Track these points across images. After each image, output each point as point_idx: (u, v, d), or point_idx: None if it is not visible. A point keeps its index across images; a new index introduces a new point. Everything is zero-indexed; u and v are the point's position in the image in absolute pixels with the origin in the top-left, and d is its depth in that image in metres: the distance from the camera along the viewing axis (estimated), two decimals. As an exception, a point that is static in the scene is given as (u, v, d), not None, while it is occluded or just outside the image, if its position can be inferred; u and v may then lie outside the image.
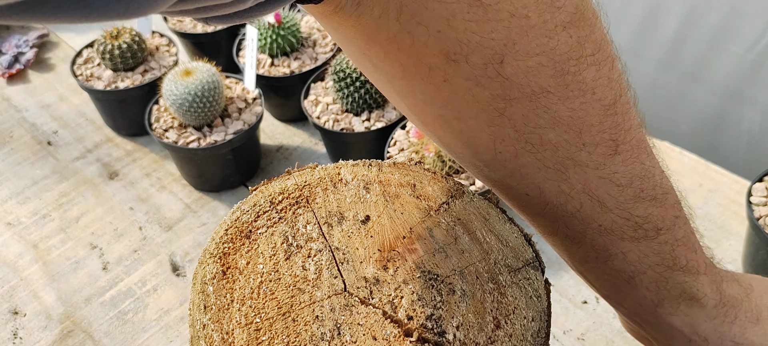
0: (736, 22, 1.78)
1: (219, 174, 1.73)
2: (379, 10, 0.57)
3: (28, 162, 1.92)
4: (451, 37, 0.56)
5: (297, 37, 1.89)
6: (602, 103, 0.62)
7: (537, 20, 0.57)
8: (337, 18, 0.60)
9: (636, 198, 0.67)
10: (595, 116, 0.62)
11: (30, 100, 2.15)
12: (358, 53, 0.65)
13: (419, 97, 0.65)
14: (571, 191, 0.66)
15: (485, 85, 0.59)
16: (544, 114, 0.60)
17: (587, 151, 0.63)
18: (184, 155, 1.69)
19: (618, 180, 0.66)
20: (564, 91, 0.59)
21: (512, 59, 0.57)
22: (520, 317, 0.74)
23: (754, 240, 1.39)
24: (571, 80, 0.59)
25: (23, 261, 1.62)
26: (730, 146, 1.91)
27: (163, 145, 1.66)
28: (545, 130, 0.61)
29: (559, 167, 0.64)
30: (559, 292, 1.46)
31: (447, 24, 0.55)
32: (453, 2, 0.54)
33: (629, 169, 0.66)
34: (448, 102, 0.63)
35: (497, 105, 0.60)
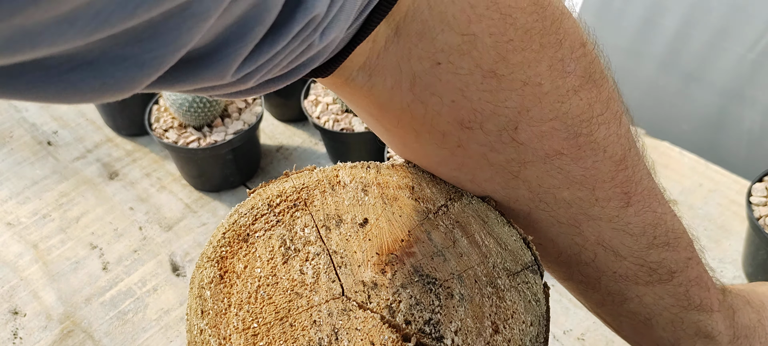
0: (736, 21, 1.77)
1: (219, 174, 1.73)
2: (391, 81, 0.56)
3: (28, 162, 1.92)
4: (466, 107, 0.56)
5: (297, 36, 1.88)
6: (613, 160, 0.63)
7: (549, 87, 0.57)
8: (349, 89, 0.60)
9: (649, 245, 0.68)
10: (607, 173, 0.62)
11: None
12: (370, 119, 0.66)
13: (433, 159, 0.66)
14: (585, 243, 0.67)
15: (500, 150, 0.59)
16: (557, 175, 0.61)
17: (600, 206, 0.64)
18: (184, 155, 1.69)
19: (631, 230, 0.67)
20: (577, 152, 0.60)
21: (526, 125, 0.57)
22: (518, 321, 0.74)
23: (754, 240, 1.39)
24: (584, 141, 0.60)
25: (23, 261, 1.62)
26: (731, 146, 1.91)
27: (163, 145, 1.66)
28: (559, 190, 0.62)
29: (572, 222, 0.65)
30: (559, 292, 1.46)
31: (461, 94, 0.55)
32: (466, 73, 0.54)
33: (642, 219, 0.67)
34: (462, 165, 0.63)
35: (512, 168, 0.61)
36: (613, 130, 0.63)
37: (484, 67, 0.54)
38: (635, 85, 2.06)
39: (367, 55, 0.56)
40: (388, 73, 0.56)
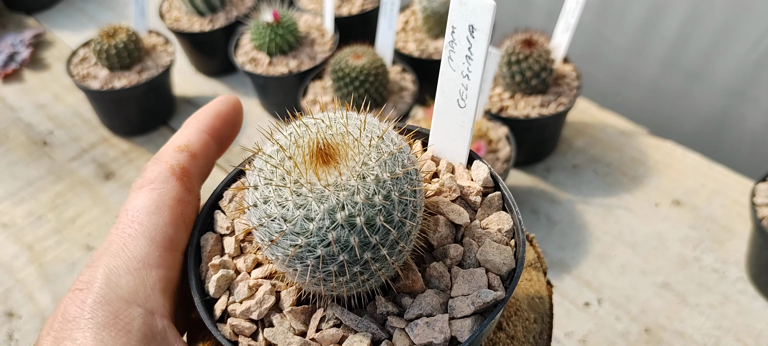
0: (738, 21, 1.76)
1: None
2: None
3: (23, 163, 1.90)
4: None
5: (295, 36, 1.87)
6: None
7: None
8: None
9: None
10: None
11: (25, 100, 2.13)
12: None
13: None
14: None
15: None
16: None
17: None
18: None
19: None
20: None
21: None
22: (522, 318, 0.72)
23: (758, 241, 1.37)
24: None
25: (18, 263, 1.60)
26: (734, 146, 1.89)
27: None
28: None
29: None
30: (561, 294, 1.44)
31: None
32: None
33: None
34: None
35: None
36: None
37: None
38: (637, 84, 2.04)
39: None
40: None
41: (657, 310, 1.39)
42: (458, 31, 0.63)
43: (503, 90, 1.67)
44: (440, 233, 0.62)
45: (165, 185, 0.65)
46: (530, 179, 1.71)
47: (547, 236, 1.56)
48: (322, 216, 0.52)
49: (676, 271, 1.46)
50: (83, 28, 2.46)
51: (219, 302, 0.62)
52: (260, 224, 0.54)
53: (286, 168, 0.53)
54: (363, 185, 0.52)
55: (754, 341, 1.32)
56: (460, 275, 0.59)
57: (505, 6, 2.23)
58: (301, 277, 0.56)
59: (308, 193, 0.52)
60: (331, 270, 0.54)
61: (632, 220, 1.58)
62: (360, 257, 0.53)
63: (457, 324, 0.57)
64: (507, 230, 0.62)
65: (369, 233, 0.53)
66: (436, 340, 0.56)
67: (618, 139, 1.79)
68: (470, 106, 0.65)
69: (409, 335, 0.57)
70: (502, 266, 0.59)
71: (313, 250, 0.53)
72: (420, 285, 0.60)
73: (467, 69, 0.64)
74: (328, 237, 0.52)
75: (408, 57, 1.89)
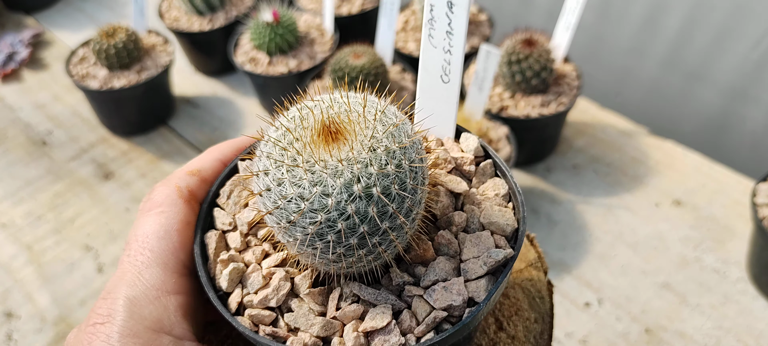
0: (739, 21, 1.76)
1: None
2: None
3: (22, 162, 1.89)
4: None
5: (295, 35, 1.87)
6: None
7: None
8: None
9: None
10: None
11: (24, 100, 2.13)
12: None
13: None
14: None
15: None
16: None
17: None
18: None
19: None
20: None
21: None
22: (522, 318, 0.72)
23: (759, 241, 1.37)
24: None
25: (17, 263, 1.60)
26: (734, 146, 1.89)
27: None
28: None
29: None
30: (562, 294, 1.44)
31: None
32: None
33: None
34: None
35: None
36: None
37: None
38: (638, 84, 2.04)
39: None
40: None
41: (657, 310, 1.39)
42: (437, 8, 0.64)
43: (503, 90, 1.67)
44: (442, 202, 0.63)
45: (172, 209, 0.65)
46: (531, 178, 1.70)
47: (548, 236, 1.56)
48: (340, 190, 0.52)
49: (677, 271, 1.46)
50: (82, 27, 2.45)
51: (233, 296, 0.62)
52: (276, 206, 0.54)
53: (296, 148, 0.54)
54: (374, 157, 0.53)
55: (755, 342, 1.32)
56: (468, 240, 0.61)
57: (505, 6, 2.23)
58: (321, 255, 0.56)
59: (322, 170, 0.52)
60: (351, 244, 0.54)
61: (633, 220, 1.58)
62: (379, 227, 0.54)
63: (472, 286, 0.58)
64: (504, 194, 0.64)
65: (387, 202, 0.53)
66: (455, 302, 0.57)
67: (618, 139, 1.79)
68: (454, 81, 0.67)
69: (429, 301, 0.58)
70: (505, 227, 0.61)
71: (333, 225, 0.53)
72: (431, 253, 0.61)
73: (448, 44, 0.65)
74: (348, 210, 0.53)
75: (408, 56, 1.89)
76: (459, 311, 0.57)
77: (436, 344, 0.56)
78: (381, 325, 0.57)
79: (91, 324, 0.58)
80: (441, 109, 0.68)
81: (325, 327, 0.58)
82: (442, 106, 0.68)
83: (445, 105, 0.68)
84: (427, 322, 0.56)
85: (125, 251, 0.64)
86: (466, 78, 1.73)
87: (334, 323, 0.58)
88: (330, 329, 0.58)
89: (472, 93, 1.55)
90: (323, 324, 0.58)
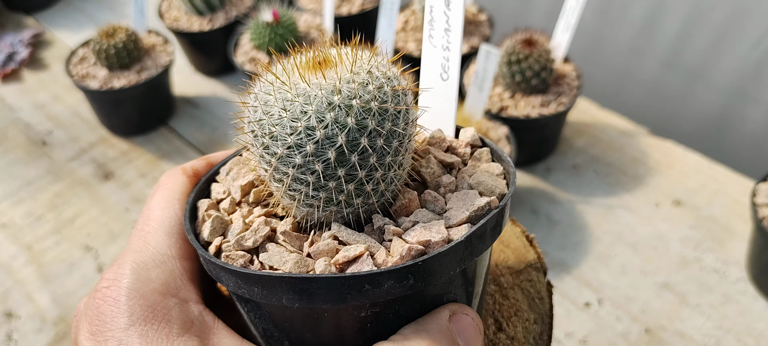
0: (739, 21, 1.76)
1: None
2: None
3: (22, 162, 1.89)
4: None
5: (295, 35, 1.87)
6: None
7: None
8: None
9: None
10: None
11: (24, 100, 2.13)
12: None
13: None
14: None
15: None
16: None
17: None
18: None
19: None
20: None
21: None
22: (522, 319, 0.72)
23: (759, 241, 1.37)
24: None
25: (17, 263, 1.60)
26: (734, 146, 1.89)
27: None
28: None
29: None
30: (561, 294, 1.44)
31: None
32: None
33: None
34: None
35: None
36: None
37: None
38: (638, 84, 2.04)
39: None
40: None
41: (657, 310, 1.39)
42: (436, 9, 0.66)
43: (503, 90, 1.67)
44: (432, 169, 0.63)
45: (175, 183, 0.66)
46: (530, 178, 1.70)
47: (548, 236, 1.56)
48: (321, 100, 0.54)
49: (677, 271, 1.46)
50: (82, 27, 2.45)
51: (212, 244, 0.62)
52: (259, 121, 0.56)
53: (287, 75, 0.57)
54: (357, 77, 0.56)
55: (755, 342, 1.32)
56: (454, 196, 0.61)
57: (505, 6, 2.23)
58: (299, 177, 0.57)
59: (306, 85, 0.55)
60: (329, 159, 0.55)
61: (633, 220, 1.58)
62: (358, 142, 0.55)
63: (452, 230, 0.57)
64: (498, 173, 0.64)
65: (366, 116, 0.55)
66: (434, 238, 0.56)
67: (618, 139, 1.79)
68: (453, 78, 0.68)
69: (406, 239, 0.57)
70: (494, 188, 0.61)
71: (312, 133, 0.54)
72: (416, 204, 0.61)
73: (447, 41, 0.66)
74: (327, 118, 0.54)
75: (408, 57, 1.89)
76: (437, 249, 0.55)
77: (405, 268, 0.53)
78: (353, 255, 0.56)
79: (98, 289, 0.59)
80: (441, 107, 0.69)
81: (299, 264, 0.57)
82: (442, 104, 0.69)
83: (445, 103, 0.69)
84: (401, 253, 0.55)
85: (133, 229, 0.65)
86: (466, 78, 1.73)
87: (307, 261, 0.57)
88: (303, 266, 0.57)
89: (471, 93, 1.55)
90: (297, 260, 0.57)
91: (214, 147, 1.89)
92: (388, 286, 0.54)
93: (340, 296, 0.54)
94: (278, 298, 0.56)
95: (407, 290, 0.54)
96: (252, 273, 0.56)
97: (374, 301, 0.55)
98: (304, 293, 0.55)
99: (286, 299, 0.56)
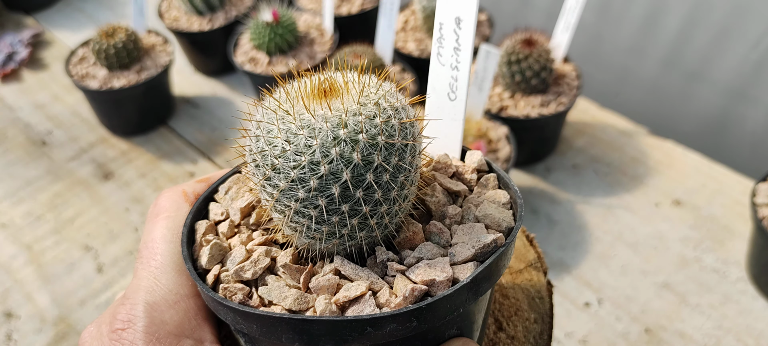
0: (738, 21, 1.76)
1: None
2: None
3: (22, 162, 1.89)
4: None
5: (295, 35, 1.87)
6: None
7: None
8: None
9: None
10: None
11: (24, 100, 2.13)
12: None
13: None
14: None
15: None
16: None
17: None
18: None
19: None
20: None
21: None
22: (522, 319, 0.72)
23: (759, 241, 1.37)
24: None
25: (17, 263, 1.59)
26: (734, 146, 1.89)
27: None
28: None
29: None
30: (561, 294, 1.44)
31: None
32: None
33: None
34: None
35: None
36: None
37: None
38: (638, 84, 2.04)
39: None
40: None
41: (657, 310, 1.39)
42: (446, 26, 0.64)
43: (503, 90, 1.67)
44: (438, 198, 0.62)
45: (178, 212, 0.66)
46: (530, 178, 1.70)
47: (548, 236, 1.56)
48: (326, 133, 0.52)
49: (677, 271, 1.46)
50: (82, 27, 2.45)
51: (211, 272, 0.61)
52: (261, 151, 0.55)
53: (290, 102, 0.55)
54: (364, 109, 0.53)
55: (755, 342, 1.32)
56: (460, 229, 0.59)
57: (504, 6, 2.23)
58: (301, 210, 0.55)
59: (311, 117, 0.53)
60: (333, 194, 0.53)
61: (632, 220, 1.58)
62: (364, 178, 0.53)
63: (458, 268, 0.56)
64: (504, 202, 0.62)
65: (372, 150, 0.53)
66: (439, 278, 0.54)
67: (618, 139, 1.79)
68: (461, 98, 0.66)
69: (410, 277, 0.55)
70: (501, 222, 0.59)
71: (316, 168, 0.53)
72: (420, 237, 0.60)
73: (456, 60, 0.65)
74: (332, 153, 0.52)
75: (408, 57, 1.89)
76: (442, 289, 0.54)
77: (409, 312, 0.52)
78: (355, 295, 0.54)
79: (113, 330, 0.59)
80: (448, 127, 0.68)
81: (299, 300, 0.56)
82: (449, 125, 0.68)
83: (452, 123, 0.67)
84: (404, 294, 0.53)
85: (138, 259, 0.65)
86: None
87: (308, 298, 0.56)
88: (303, 303, 0.56)
89: (471, 93, 1.55)
90: (297, 296, 0.56)
91: (213, 147, 1.89)
92: (390, 329, 0.53)
93: (340, 338, 0.54)
94: (278, 336, 0.55)
95: (410, 332, 0.53)
96: (251, 312, 0.55)
97: (376, 343, 0.54)
98: (304, 334, 0.54)
99: (285, 338, 0.55)
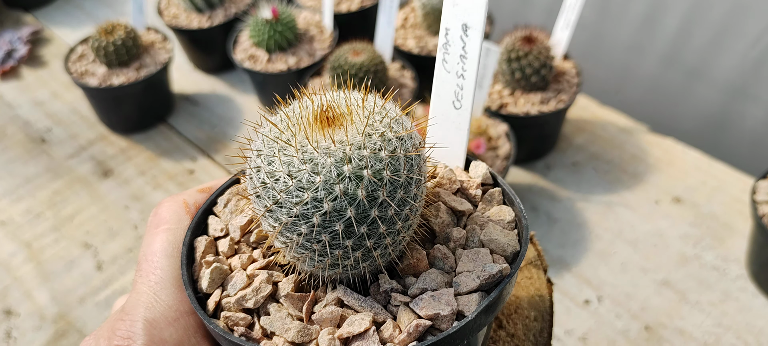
0: (738, 18, 1.75)
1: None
2: None
3: (21, 160, 1.89)
4: None
5: (294, 32, 1.86)
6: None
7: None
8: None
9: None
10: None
11: (23, 97, 2.13)
12: None
13: None
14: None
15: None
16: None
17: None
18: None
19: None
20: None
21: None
22: (522, 316, 0.71)
23: (758, 239, 1.37)
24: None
25: (16, 260, 1.59)
26: (734, 143, 1.89)
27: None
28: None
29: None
30: (561, 292, 1.44)
31: None
32: None
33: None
34: None
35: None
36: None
37: None
38: (638, 81, 2.04)
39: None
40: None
41: (657, 308, 1.39)
42: (452, 32, 0.62)
43: (503, 87, 1.67)
44: (442, 219, 0.61)
45: (179, 225, 0.65)
46: (530, 176, 1.70)
47: (547, 233, 1.56)
48: (329, 169, 0.51)
49: (677, 268, 1.46)
50: (81, 25, 2.45)
51: (212, 297, 0.60)
52: (263, 184, 0.53)
53: (291, 131, 0.53)
54: (369, 142, 0.52)
55: (755, 339, 1.32)
56: (465, 255, 0.59)
57: (505, 3, 2.22)
58: (305, 243, 0.54)
59: (314, 149, 0.51)
60: (337, 230, 0.52)
61: (632, 217, 1.58)
62: (368, 214, 0.52)
63: (462, 299, 0.56)
64: (509, 221, 0.62)
65: (378, 186, 0.52)
66: (443, 312, 0.54)
67: (618, 136, 1.79)
68: (466, 107, 0.65)
69: (414, 309, 0.55)
70: (507, 247, 0.59)
71: (319, 205, 0.52)
72: (424, 264, 0.59)
73: (462, 68, 0.63)
74: (336, 190, 0.51)
75: (407, 54, 1.88)
76: (446, 323, 0.54)
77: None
78: (359, 330, 0.54)
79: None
80: (452, 136, 0.67)
81: (302, 333, 0.56)
82: (454, 134, 0.66)
83: (457, 131, 0.66)
84: (408, 330, 0.53)
85: (137, 270, 0.64)
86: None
87: (310, 329, 0.56)
88: (306, 336, 0.55)
89: (471, 90, 1.54)
90: (300, 329, 0.56)
91: (213, 144, 1.89)
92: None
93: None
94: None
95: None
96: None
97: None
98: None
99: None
